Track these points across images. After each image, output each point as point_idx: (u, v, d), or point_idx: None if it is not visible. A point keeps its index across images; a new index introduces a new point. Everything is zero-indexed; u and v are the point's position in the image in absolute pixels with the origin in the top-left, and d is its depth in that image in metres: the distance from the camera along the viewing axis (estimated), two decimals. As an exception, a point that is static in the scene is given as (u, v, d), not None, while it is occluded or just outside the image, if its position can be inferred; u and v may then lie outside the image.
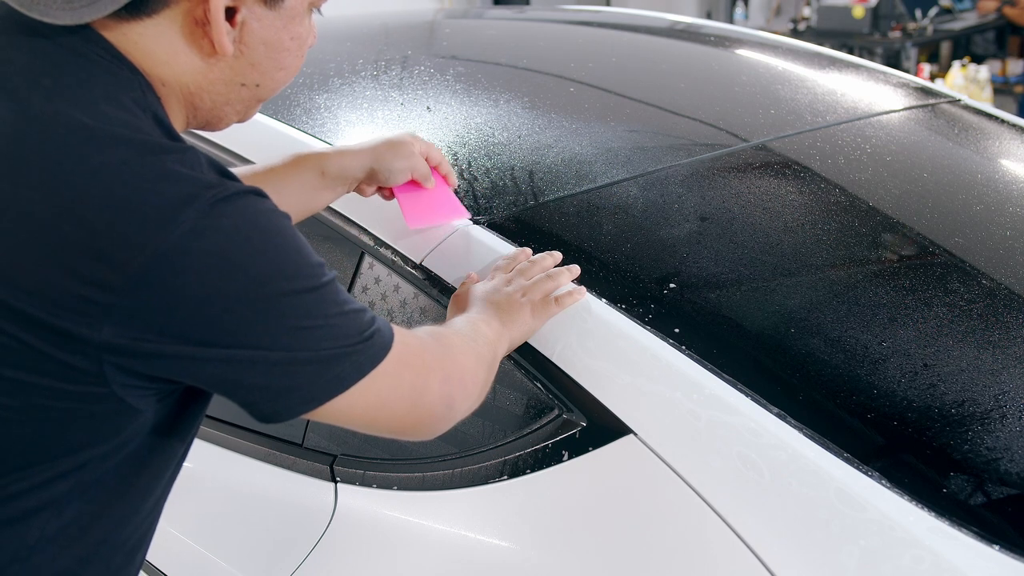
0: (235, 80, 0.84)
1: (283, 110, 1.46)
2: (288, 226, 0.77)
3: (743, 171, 1.43)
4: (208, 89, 0.83)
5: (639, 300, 1.08)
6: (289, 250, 0.76)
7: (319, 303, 0.77)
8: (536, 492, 1.02)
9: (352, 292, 1.23)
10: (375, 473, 1.14)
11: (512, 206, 1.25)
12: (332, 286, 0.79)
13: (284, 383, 0.76)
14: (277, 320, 0.74)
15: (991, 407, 1.00)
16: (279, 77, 0.87)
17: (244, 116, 0.90)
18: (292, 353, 0.75)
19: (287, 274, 0.75)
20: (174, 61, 0.80)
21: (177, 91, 0.82)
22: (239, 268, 0.72)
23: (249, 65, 0.83)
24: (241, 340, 0.73)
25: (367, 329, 0.81)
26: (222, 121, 0.88)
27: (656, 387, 0.98)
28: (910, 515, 0.86)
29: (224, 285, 0.72)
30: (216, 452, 1.32)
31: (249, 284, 0.73)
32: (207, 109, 0.85)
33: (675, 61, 2.06)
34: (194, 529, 1.31)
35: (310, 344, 0.76)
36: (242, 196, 0.74)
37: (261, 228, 0.75)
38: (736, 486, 0.91)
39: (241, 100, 0.87)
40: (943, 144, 1.74)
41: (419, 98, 1.56)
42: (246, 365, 0.74)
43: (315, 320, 0.76)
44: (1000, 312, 1.17)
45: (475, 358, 0.93)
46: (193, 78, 0.82)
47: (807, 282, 1.20)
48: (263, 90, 0.87)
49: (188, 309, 0.71)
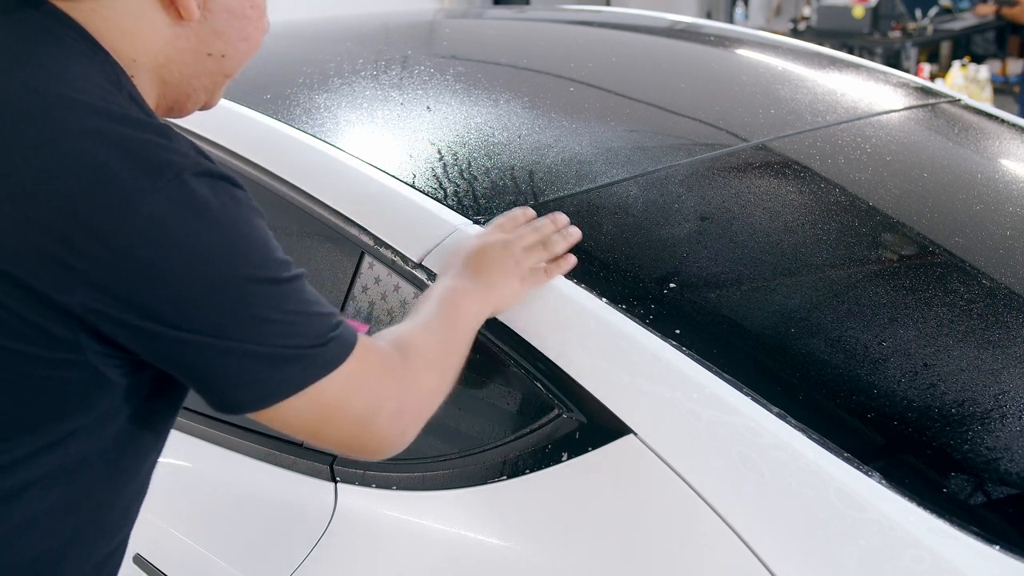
0: (202, 49, 0.86)
1: (283, 110, 1.46)
2: (258, 219, 0.79)
3: (743, 171, 1.43)
4: (176, 59, 0.85)
5: (639, 300, 1.08)
6: (257, 239, 0.78)
7: (280, 297, 0.78)
8: (536, 492, 1.02)
9: (352, 292, 1.22)
10: (375, 473, 1.14)
11: (512, 206, 1.25)
12: (297, 284, 0.80)
13: (235, 376, 0.77)
14: (237, 306, 0.76)
15: (991, 407, 1.00)
16: (242, 48, 0.89)
17: (211, 97, 0.92)
18: (245, 344, 0.76)
19: (253, 261, 0.77)
20: (141, 32, 0.82)
21: (148, 66, 0.84)
22: (206, 245, 0.74)
23: (214, 33, 0.86)
24: (199, 321, 0.75)
25: (326, 334, 0.81)
26: (190, 99, 0.90)
27: (656, 387, 0.98)
28: (910, 515, 0.86)
29: (189, 259, 0.73)
30: (216, 452, 1.32)
31: (214, 262, 0.74)
32: (176, 83, 0.87)
33: (675, 61, 2.06)
34: (194, 529, 1.31)
35: (266, 338, 0.77)
36: (217, 177, 0.77)
37: (231, 210, 0.76)
38: (736, 486, 0.91)
39: (208, 73, 0.88)
40: (943, 144, 1.74)
41: (419, 98, 1.56)
42: (201, 350, 0.75)
43: (274, 313, 0.77)
44: (1000, 312, 1.17)
45: (440, 369, 0.93)
46: (162, 48, 0.84)
47: (807, 282, 1.20)
48: (229, 62, 0.89)
49: (153, 280, 0.72)
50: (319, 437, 0.86)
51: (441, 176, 1.29)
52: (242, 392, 0.78)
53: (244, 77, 1.64)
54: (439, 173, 1.30)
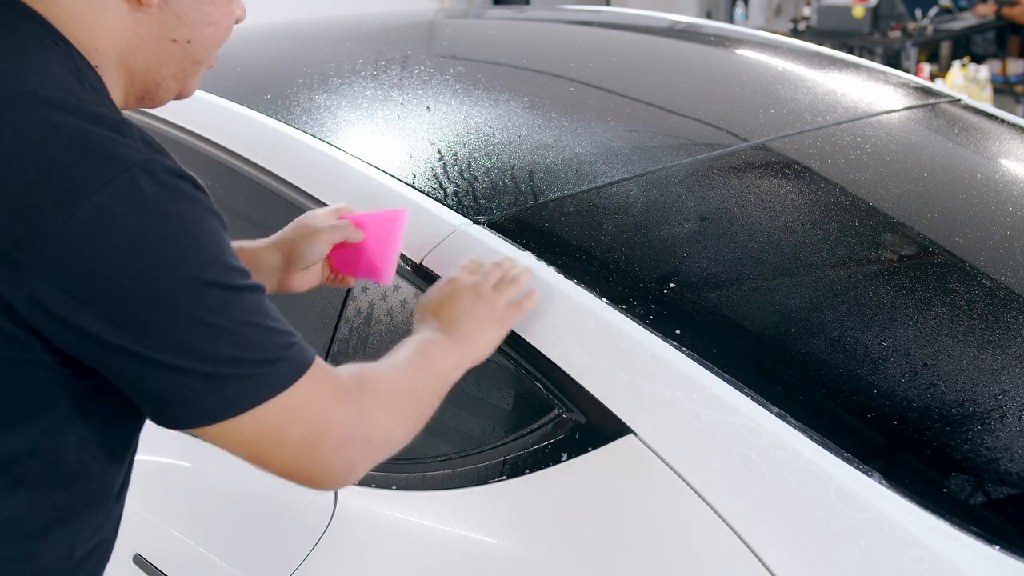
0: (165, 35, 0.84)
1: (283, 110, 1.46)
2: (213, 221, 0.77)
3: (743, 171, 1.43)
4: (140, 47, 0.84)
5: (639, 300, 1.08)
6: (208, 240, 0.75)
7: (228, 303, 0.75)
8: (536, 492, 1.02)
9: (352, 292, 1.23)
10: (375, 473, 1.13)
11: (512, 206, 1.25)
12: (251, 295, 0.77)
13: (176, 394, 0.75)
14: (179, 306, 0.73)
15: (991, 407, 1.00)
16: (208, 33, 0.87)
17: (184, 86, 0.90)
18: (187, 357, 0.73)
19: (201, 262, 0.74)
20: (102, 19, 0.81)
21: (112, 57, 0.83)
22: (154, 240, 0.72)
23: (176, 18, 0.84)
24: (141, 326, 0.72)
25: (277, 352, 0.78)
26: (159, 87, 0.88)
27: (656, 387, 0.98)
28: (910, 515, 0.86)
29: (137, 255, 0.71)
30: (216, 452, 1.31)
31: (162, 259, 0.72)
32: (142, 72, 0.85)
33: (675, 61, 2.06)
34: (194, 529, 1.31)
35: (208, 347, 0.74)
36: (173, 174, 0.75)
37: (182, 210, 0.74)
38: (736, 486, 0.91)
39: (175, 59, 0.86)
40: (943, 144, 1.74)
41: (419, 98, 1.56)
42: (142, 361, 0.73)
43: (219, 319, 0.74)
44: (1000, 312, 1.17)
45: (399, 413, 0.88)
46: (124, 36, 0.82)
47: (807, 282, 1.20)
48: (195, 47, 0.87)
49: (100, 276, 0.71)
50: (258, 460, 0.82)
51: (441, 176, 1.29)
52: (180, 409, 0.76)
53: (244, 77, 1.65)
54: (439, 173, 1.30)
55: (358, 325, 1.22)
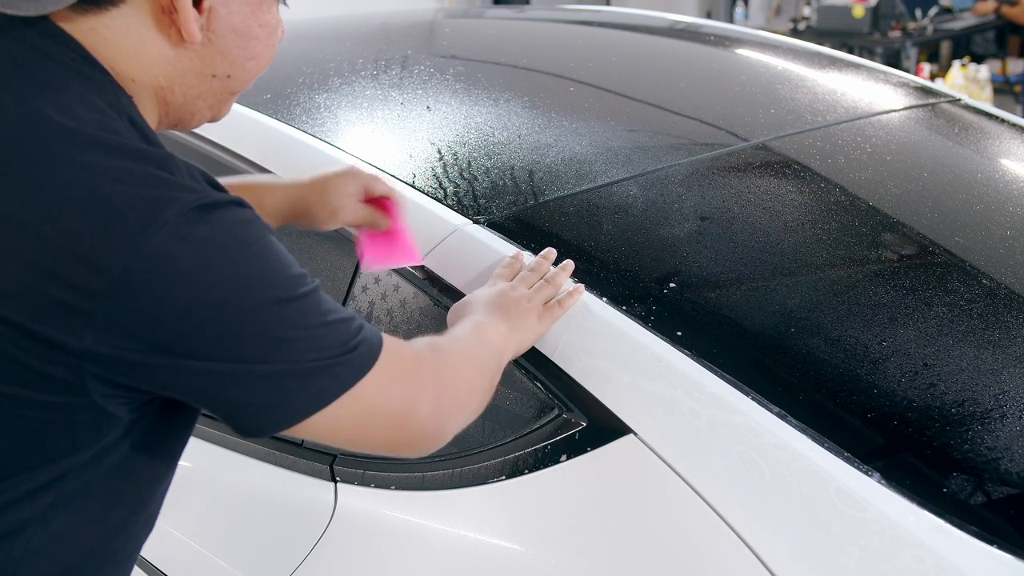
0: (206, 71, 0.83)
1: (283, 110, 1.46)
2: (268, 236, 0.76)
3: (743, 171, 1.43)
4: (179, 81, 0.82)
5: (639, 300, 1.08)
6: (269, 260, 0.75)
7: (300, 314, 0.75)
8: (536, 492, 1.02)
9: (352, 292, 1.22)
10: (375, 473, 1.14)
11: (512, 206, 1.25)
12: (314, 296, 0.77)
13: (265, 398, 0.75)
14: (257, 331, 0.73)
15: (991, 407, 1.00)
16: (250, 67, 0.86)
17: (217, 112, 0.89)
18: (272, 366, 0.74)
19: (266, 284, 0.74)
20: (142, 53, 0.79)
21: (148, 87, 0.81)
22: (218, 277, 0.71)
23: (219, 54, 0.82)
24: (220, 351, 0.72)
25: (352, 339, 0.78)
26: (194, 117, 0.87)
27: (656, 387, 0.98)
28: (910, 515, 0.86)
29: (202, 293, 0.70)
30: (216, 452, 1.32)
31: (228, 294, 0.71)
32: (179, 105, 0.84)
33: (675, 61, 2.06)
34: (194, 529, 1.31)
35: (291, 356, 0.74)
36: (222, 205, 0.73)
37: (239, 237, 0.73)
38: (736, 486, 0.91)
39: (213, 93, 0.85)
40: (943, 144, 1.74)
41: (419, 98, 1.56)
42: (226, 378, 0.73)
43: (296, 331, 0.75)
44: (1000, 312, 1.17)
45: (475, 368, 0.91)
46: (163, 70, 0.80)
47: (807, 282, 1.20)
48: (235, 81, 0.86)
49: (167, 317, 0.70)
50: (357, 442, 0.84)
51: (441, 176, 1.29)
52: (277, 412, 0.76)
53: (244, 77, 1.65)
54: (439, 173, 1.30)
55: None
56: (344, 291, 1.23)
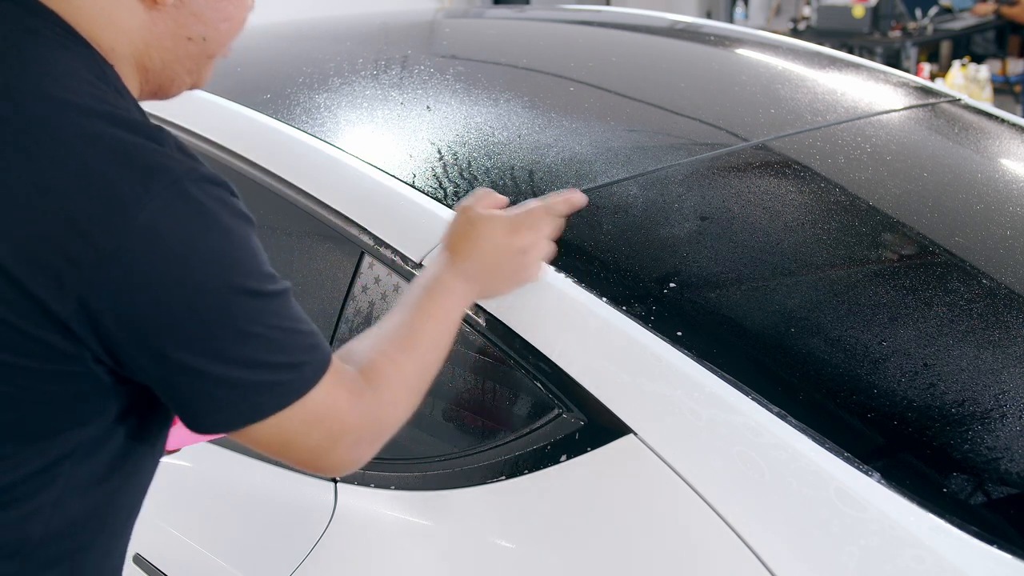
0: (181, 33, 0.84)
1: (283, 109, 1.46)
2: (249, 227, 0.78)
3: (743, 171, 1.43)
4: (155, 45, 0.84)
5: (639, 299, 1.08)
6: (249, 249, 0.77)
7: (263, 311, 0.77)
8: (536, 492, 1.02)
9: (352, 292, 1.23)
10: (374, 472, 1.14)
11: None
12: (282, 298, 0.79)
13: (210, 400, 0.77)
14: (220, 316, 0.75)
15: (991, 407, 1.00)
16: (224, 28, 0.87)
17: (197, 78, 0.90)
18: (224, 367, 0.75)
19: (242, 271, 0.76)
20: (117, 20, 0.80)
21: (127, 55, 0.83)
22: (202, 253, 0.73)
23: (191, 15, 0.84)
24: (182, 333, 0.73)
25: (301, 356, 0.80)
26: (174, 83, 0.89)
27: (656, 386, 0.98)
28: (910, 515, 0.86)
29: (184, 268, 0.72)
30: (216, 451, 1.32)
31: (207, 270, 0.73)
32: (158, 70, 0.86)
33: (675, 61, 2.06)
34: (194, 528, 1.31)
35: (243, 355, 0.76)
36: (213, 183, 0.75)
37: (226, 219, 0.75)
38: (736, 486, 0.91)
39: (190, 56, 0.87)
40: (943, 144, 1.74)
41: (419, 98, 1.56)
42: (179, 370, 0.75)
43: (255, 327, 0.76)
44: (1000, 312, 1.17)
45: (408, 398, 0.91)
46: (140, 35, 0.82)
47: (807, 282, 1.20)
48: (210, 44, 0.87)
49: (145, 289, 0.72)
50: (278, 456, 0.85)
51: (441, 176, 1.29)
52: (214, 417, 0.78)
53: (244, 77, 1.65)
54: (439, 173, 1.30)
55: (358, 325, 1.22)
56: (344, 291, 1.24)
